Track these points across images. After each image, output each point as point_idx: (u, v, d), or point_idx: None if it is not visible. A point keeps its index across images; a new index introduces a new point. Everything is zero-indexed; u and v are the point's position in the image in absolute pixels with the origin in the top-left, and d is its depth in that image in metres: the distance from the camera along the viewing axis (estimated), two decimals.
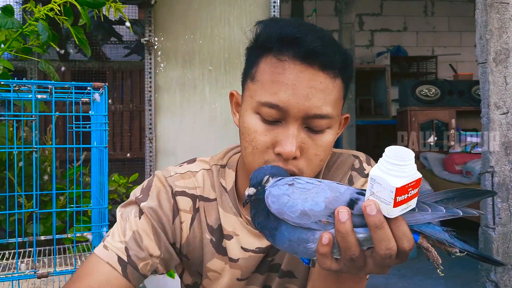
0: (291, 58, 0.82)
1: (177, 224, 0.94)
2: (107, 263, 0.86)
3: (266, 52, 0.85)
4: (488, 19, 2.22)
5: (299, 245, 0.63)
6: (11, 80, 1.36)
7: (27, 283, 1.50)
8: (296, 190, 0.63)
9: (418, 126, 5.09)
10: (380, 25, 7.74)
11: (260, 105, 0.83)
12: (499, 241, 2.21)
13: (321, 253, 0.63)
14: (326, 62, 0.82)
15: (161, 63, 2.83)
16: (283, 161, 0.82)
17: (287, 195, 0.62)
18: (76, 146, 1.43)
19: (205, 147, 2.83)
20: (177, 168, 1.00)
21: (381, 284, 3.14)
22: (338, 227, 0.61)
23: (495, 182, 2.23)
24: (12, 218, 1.81)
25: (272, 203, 0.63)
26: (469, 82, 5.43)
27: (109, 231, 0.91)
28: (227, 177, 0.98)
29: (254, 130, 0.84)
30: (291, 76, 0.81)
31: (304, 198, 0.62)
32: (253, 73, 0.87)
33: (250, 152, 0.86)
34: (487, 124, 2.25)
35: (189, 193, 0.96)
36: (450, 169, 4.59)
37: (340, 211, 0.60)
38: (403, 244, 0.62)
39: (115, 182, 2.69)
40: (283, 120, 0.83)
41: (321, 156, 0.86)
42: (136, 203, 0.93)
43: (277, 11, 2.82)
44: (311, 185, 0.64)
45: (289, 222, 0.62)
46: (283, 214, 0.62)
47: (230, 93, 0.97)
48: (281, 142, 0.82)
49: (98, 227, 1.57)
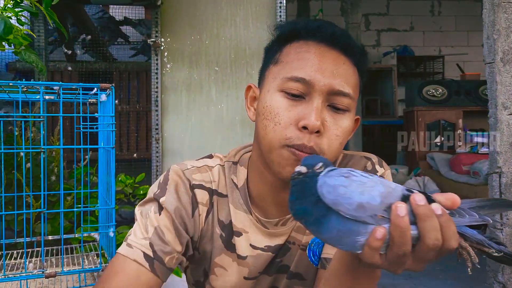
0: (315, 41, 0.87)
1: (196, 217, 0.94)
2: (134, 261, 0.86)
3: (289, 41, 0.90)
4: (495, 19, 2.20)
5: (348, 236, 0.62)
6: (19, 81, 1.37)
7: (35, 282, 1.51)
8: (353, 182, 0.63)
9: (425, 126, 5.07)
10: (386, 25, 7.72)
11: (286, 80, 0.85)
12: (506, 242, 2.19)
13: (373, 247, 0.62)
14: (347, 46, 0.87)
15: (168, 64, 2.84)
16: (308, 137, 0.82)
17: (343, 186, 0.62)
18: (84, 147, 1.44)
19: (212, 148, 2.84)
20: (194, 162, 0.99)
21: (388, 284, 3.13)
22: (397, 221, 0.61)
23: (502, 183, 2.21)
24: (20, 218, 1.82)
25: (327, 193, 0.62)
26: (476, 82, 5.41)
27: (130, 231, 0.92)
28: (238, 174, 0.98)
29: (278, 106, 0.85)
30: (317, 54, 0.85)
31: (360, 191, 0.62)
32: (276, 57, 0.90)
33: (271, 129, 0.85)
34: (495, 125, 2.24)
35: (206, 187, 0.96)
36: (457, 169, 4.57)
37: (398, 206, 0.61)
38: (451, 241, 0.63)
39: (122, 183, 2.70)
40: (307, 95, 0.84)
41: (340, 138, 0.86)
42: (154, 199, 0.93)
43: (283, 11, 2.82)
44: (365, 179, 0.64)
45: (342, 213, 0.61)
46: (338, 205, 0.61)
47: (247, 86, 0.98)
48: (305, 115, 0.83)
49: (105, 227, 1.58)
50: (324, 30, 0.87)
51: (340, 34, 0.87)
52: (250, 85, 0.97)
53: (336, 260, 0.80)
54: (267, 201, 0.95)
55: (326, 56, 0.85)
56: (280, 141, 0.84)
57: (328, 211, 0.62)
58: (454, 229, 0.63)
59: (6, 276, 1.35)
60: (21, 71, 4.04)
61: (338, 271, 0.79)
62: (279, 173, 0.86)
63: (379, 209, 0.61)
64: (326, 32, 0.87)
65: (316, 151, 0.83)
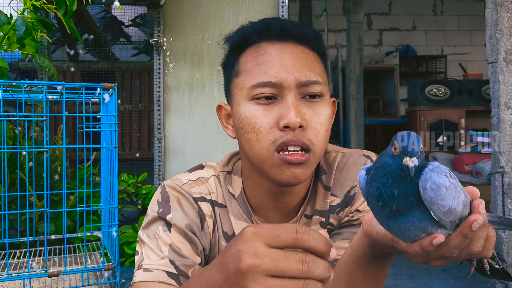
0: (268, 41, 0.86)
1: (206, 229, 0.92)
2: (159, 282, 0.82)
3: (243, 49, 0.89)
4: (498, 18, 2.20)
5: (417, 231, 0.62)
6: (22, 81, 1.38)
7: (38, 281, 1.52)
8: (451, 185, 0.62)
9: (427, 126, 5.06)
10: (388, 25, 7.71)
11: (253, 88, 0.84)
12: (509, 242, 2.19)
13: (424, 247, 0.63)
14: (300, 35, 0.87)
15: (170, 63, 2.85)
16: (292, 133, 0.81)
17: (445, 187, 0.61)
18: (86, 146, 1.44)
19: (214, 147, 2.84)
20: (187, 175, 0.96)
21: (390, 284, 3.13)
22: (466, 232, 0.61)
23: (505, 183, 2.21)
24: (24, 217, 1.83)
25: (430, 189, 0.60)
26: (479, 81, 5.39)
27: (139, 257, 0.87)
28: (234, 184, 0.96)
29: (253, 115, 0.83)
30: (274, 53, 0.85)
31: (453, 196, 0.61)
32: (236, 69, 0.88)
33: (255, 140, 0.83)
34: (497, 124, 2.24)
35: (207, 199, 0.94)
36: (460, 169, 4.56)
37: (477, 220, 0.61)
38: (489, 251, 0.65)
39: (124, 182, 2.71)
40: (278, 95, 0.83)
41: (325, 125, 0.85)
42: (160, 218, 0.89)
43: (286, 11, 2.82)
44: (456, 182, 0.63)
45: (432, 212, 0.61)
46: (433, 204, 0.60)
47: (217, 106, 0.95)
48: (283, 115, 0.81)
49: (107, 227, 1.58)
50: (273, 27, 0.86)
51: (290, 26, 0.87)
52: (220, 104, 0.95)
53: (347, 256, 0.79)
54: (267, 208, 0.93)
55: (283, 52, 0.85)
56: (268, 148, 0.82)
57: (418, 205, 0.61)
58: (494, 240, 0.64)
59: (9, 275, 1.36)
60: (23, 71, 4.05)
61: (348, 266, 0.79)
62: (278, 180, 0.84)
63: (458, 216, 0.62)
64: (275, 29, 0.86)
65: (308, 144, 0.82)
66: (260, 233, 0.51)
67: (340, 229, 0.93)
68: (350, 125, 5.39)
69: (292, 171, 0.82)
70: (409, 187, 0.61)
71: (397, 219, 0.63)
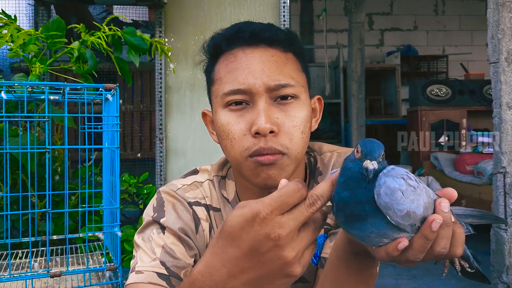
0: (238, 47, 0.86)
1: (201, 232, 0.93)
2: (149, 283, 0.83)
3: (217, 57, 0.89)
4: (500, 18, 2.20)
5: (377, 237, 0.61)
6: (24, 82, 1.38)
7: (40, 282, 1.52)
8: (409, 187, 0.61)
9: (429, 126, 5.06)
10: (390, 25, 7.70)
11: (225, 96, 0.85)
12: (511, 242, 2.19)
13: (389, 252, 0.62)
14: (270, 38, 0.86)
15: (171, 64, 2.85)
16: (263, 140, 0.81)
17: (401, 191, 0.60)
18: (88, 147, 1.44)
19: (215, 148, 2.83)
20: (182, 180, 0.98)
21: (391, 285, 3.12)
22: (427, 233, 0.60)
23: (507, 183, 2.21)
24: (25, 217, 1.83)
25: (384, 194, 0.59)
26: (481, 81, 5.38)
27: (134, 260, 0.88)
28: (227, 188, 0.97)
29: (227, 122, 0.85)
30: (243, 59, 0.85)
31: (411, 199, 0.60)
32: (212, 77, 0.90)
33: (230, 147, 0.85)
34: (499, 124, 2.24)
35: (201, 203, 0.95)
36: (461, 169, 4.56)
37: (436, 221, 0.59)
38: (458, 250, 0.63)
39: (126, 182, 2.71)
40: (250, 101, 0.84)
41: (300, 128, 0.84)
42: (154, 221, 0.90)
43: (287, 11, 2.82)
44: (416, 184, 0.62)
45: (388, 218, 0.60)
46: (389, 209, 0.59)
47: (202, 113, 0.97)
48: (254, 121, 0.82)
49: (109, 227, 1.58)
50: (242, 33, 0.86)
51: (259, 30, 0.86)
52: (204, 111, 0.97)
53: (332, 251, 0.79)
54: None
55: (251, 57, 0.85)
56: (241, 154, 0.83)
57: (375, 211, 0.60)
58: (463, 238, 0.63)
59: (11, 276, 1.36)
60: (25, 72, 4.05)
61: (333, 262, 0.79)
62: (256, 183, 0.85)
63: (419, 219, 0.60)
64: (244, 35, 0.86)
65: (280, 149, 0.82)
66: (273, 208, 0.57)
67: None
68: (351, 125, 5.39)
69: (266, 173, 0.83)
70: (365, 194, 0.61)
71: (355, 226, 0.62)
